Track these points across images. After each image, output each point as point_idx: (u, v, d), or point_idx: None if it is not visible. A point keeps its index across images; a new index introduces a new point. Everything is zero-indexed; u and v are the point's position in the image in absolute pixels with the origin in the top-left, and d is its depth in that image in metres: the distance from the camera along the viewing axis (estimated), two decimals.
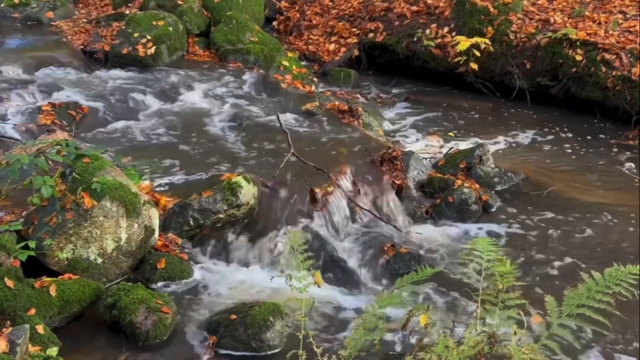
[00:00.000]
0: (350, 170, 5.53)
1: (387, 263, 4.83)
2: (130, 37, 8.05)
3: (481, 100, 8.36)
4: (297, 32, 10.15)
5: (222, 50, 8.49)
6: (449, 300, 4.50)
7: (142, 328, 3.91)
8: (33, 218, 4.35)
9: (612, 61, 7.49)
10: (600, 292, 2.92)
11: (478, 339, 2.69)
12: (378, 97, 8.43)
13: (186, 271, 4.58)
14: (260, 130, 6.31)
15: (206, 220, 4.85)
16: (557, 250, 5.17)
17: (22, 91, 6.80)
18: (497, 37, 8.28)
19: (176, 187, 5.18)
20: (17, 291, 3.76)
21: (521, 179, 6.23)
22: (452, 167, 6.20)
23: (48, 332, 3.70)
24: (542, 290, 4.50)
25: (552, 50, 7.94)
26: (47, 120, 6.17)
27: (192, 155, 5.84)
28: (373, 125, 6.89)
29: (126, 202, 4.40)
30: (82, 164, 4.43)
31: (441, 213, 5.60)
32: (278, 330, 3.96)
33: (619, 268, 2.97)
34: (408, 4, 9.24)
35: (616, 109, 7.53)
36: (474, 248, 3.14)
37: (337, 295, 4.53)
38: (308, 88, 7.61)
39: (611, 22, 7.97)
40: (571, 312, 2.91)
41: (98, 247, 4.33)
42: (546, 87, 8.11)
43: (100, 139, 6.12)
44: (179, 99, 7.20)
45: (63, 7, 9.48)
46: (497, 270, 3.02)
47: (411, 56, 8.94)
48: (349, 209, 5.30)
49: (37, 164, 4.32)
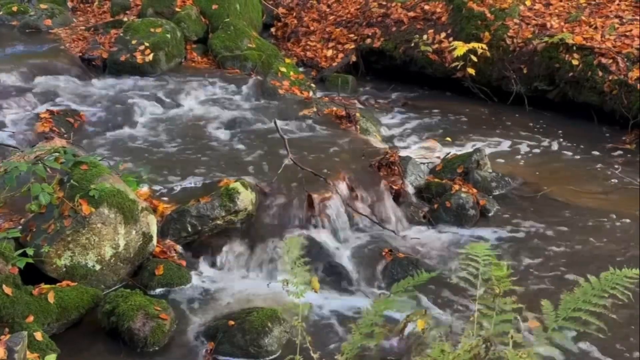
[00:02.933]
0: (347, 175, 5.54)
1: (384, 268, 4.84)
2: (128, 44, 8.06)
3: (478, 105, 8.39)
4: (294, 38, 10.17)
5: (220, 56, 8.50)
6: (445, 304, 4.51)
7: (141, 334, 3.92)
8: (31, 225, 4.35)
9: (608, 65, 7.51)
10: (596, 295, 2.92)
11: (474, 343, 2.69)
12: (375, 103, 8.45)
13: (184, 277, 4.59)
14: (257, 136, 6.32)
15: (204, 227, 4.85)
16: (554, 255, 5.18)
17: (20, 98, 6.78)
18: (494, 42, 8.31)
19: (174, 194, 5.18)
20: (15, 298, 3.77)
21: (519, 183, 6.26)
22: (449, 171, 6.21)
23: (46, 339, 3.71)
24: (539, 294, 4.49)
25: (549, 55, 7.97)
26: (45, 128, 6.17)
27: (190, 161, 5.84)
28: (371, 131, 6.90)
29: (124, 209, 4.41)
30: (80, 171, 4.44)
31: (439, 218, 5.61)
32: (276, 336, 3.97)
33: (615, 271, 2.97)
34: (405, 10, 9.27)
35: (613, 113, 7.54)
36: (471, 253, 3.14)
37: (335, 300, 4.54)
38: (306, 94, 7.62)
39: (607, 26, 8.00)
40: (567, 315, 2.91)
41: (96, 253, 4.33)
42: (543, 91, 8.14)
43: (98, 146, 6.13)
44: (177, 106, 7.20)
45: (61, 15, 9.47)
46: (494, 274, 3.02)
47: (408, 61, 8.97)
48: (346, 215, 5.31)
49: (35, 171, 4.33)
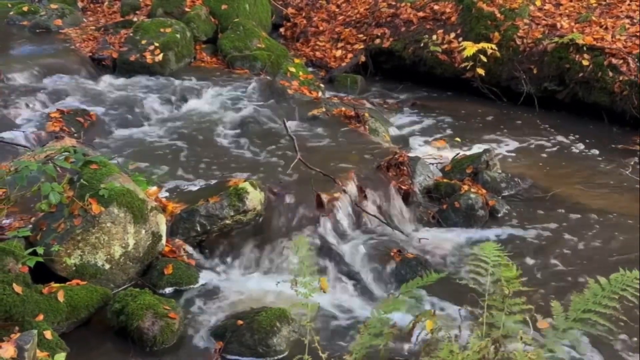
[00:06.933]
0: (356, 175, 5.53)
1: (393, 268, 4.82)
2: (138, 44, 8.09)
3: (488, 105, 8.37)
4: (303, 38, 10.19)
5: (229, 56, 8.52)
6: (454, 305, 4.48)
7: (149, 334, 3.93)
8: (41, 224, 4.37)
9: (619, 66, 7.49)
10: (606, 297, 2.91)
11: (483, 344, 2.69)
12: (384, 103, 8.44)
13: (193, 277, 4.60)
14: (266, 136, 6.33)
15: (213, 226, 4.86)
16: (564, 256, 5.15)
17: (31, 98, 6.81)
18: (503, 43, 8.29)
19: (183, 193, 5.20)
20: (25, 297, 3.79)
21: (528, 184, 6.23)
22: (458, 172, 6.20)
23: (56, 337, 3.73)
24: (548, 295, 4.48)
25: (559, 55, 7.94)
26: (55, 127, 6.20)
27: (199, 161, 5.86)
28: (379, 131, 6.89)
29: (134, 208, 4.42)
30: (89, 170, 4.45)
31: (448, 218, 5.60)
32: (284, 336, 3.97)
33: (625, 273, 2.95)
34: (414, 10, 9.27)
35: (623, 114, 7.52)
36: (481, 253, 3.13)
37: (343, 300, 4.54)
38: (315, 94, 7.63)
39: (618, 27, 7.97)
40: (577, 317, 2.90)
41: (106, 253, 4.35)
42: (553, 92, 8.11)
43: (108, 146, 6.16)
44: (186, 106, 7.22)
45: (71, 15, 9.52)
46: (503, 275, 3.02)
47: (418, 62, 8.97)
48: (355, 215, 5.31)
49: (46, 170, 4.34)
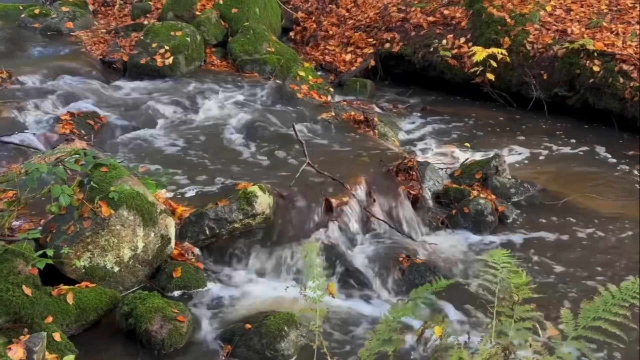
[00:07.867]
0: (365, 180, 5.53)
1: (402, 273, 4.82)
2: (148, 48, 8.13)
3: (497, 110, 8.35)
4: (313, 42, 10.19)
5: (239, 60, 8.54)
6: (464, 311, 4.48)
7: (158, 337, 3.93)
8: (51, 226, 4.39)
9: (629, 72, 7.45)
10: (617, 305, 2.88)
11: (492, 350, 2.67)
12: (394, 107, 8.44)
13: (202, 280, 4.60)
14: (276, 140, 6.34)
15: (222, 230, 4.87)
16: (574, 262, 5.13)
17: (42, 100, 6.85)
18: (513, 48, 8.27)
19: (192, 197, 5.21)
20: (35, 299, 3.80)
21: (537, 189, 6.21)
22: (468, 177, 6.19)
23: (65, 339, 3.74)
24: (558, 302, 4.47)
25: (569, 61, 7.91)
26: (66, 130, 6.23)
27: (208, 164, 5.87)
28: (389, 135, 6.89)
29: (143, 211, 4.44)
30: (99, 173, 4.47)
31: (457, 224, 5.59)
32: (292, 340, 3.97)
33: (636, 280, 2.93)
34: (424, 15, 9.26)
35: (634, 120, 7.48)
36: (490, 259, 3.12)
37: (352, 305, 4.53)
38: (324, 98, 7.63)
39: (629, 32, 7.93)
40: (587, 325, 2.88)
41: (115, 255, 4.36)
42: (563, 97, 8.08)
43: (118, 148, 6.18)
44: (196, 109, 7.25)
45: (82, 18, 9.57)
46: (513, 282, 3.00)
47: (427, 66, 8.96)
48: (364, 219, 5.30)
49: (56, 172, 4.35)
